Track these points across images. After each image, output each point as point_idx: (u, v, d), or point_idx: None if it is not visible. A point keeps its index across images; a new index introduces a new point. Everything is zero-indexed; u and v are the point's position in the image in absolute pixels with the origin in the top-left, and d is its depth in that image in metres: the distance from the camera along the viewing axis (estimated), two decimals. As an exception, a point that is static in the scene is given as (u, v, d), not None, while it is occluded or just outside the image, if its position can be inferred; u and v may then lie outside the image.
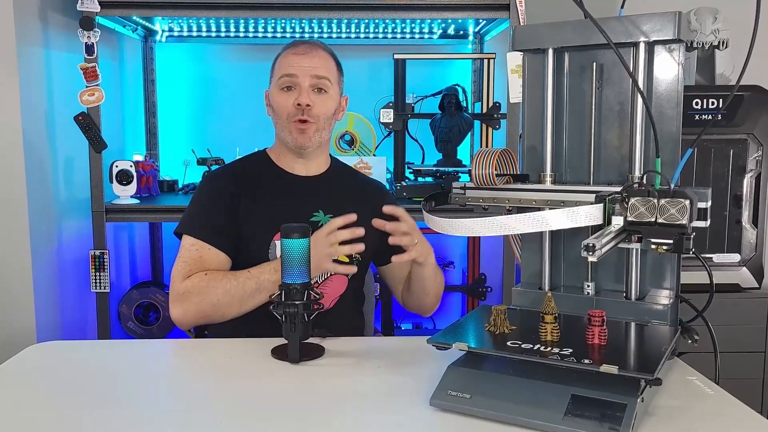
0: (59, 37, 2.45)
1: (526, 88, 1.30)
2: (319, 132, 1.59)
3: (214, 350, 1.39)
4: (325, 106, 1.58)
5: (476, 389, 1.03)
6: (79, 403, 1.09)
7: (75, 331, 2.55)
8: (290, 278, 1.26)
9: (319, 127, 1.58)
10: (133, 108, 2.92)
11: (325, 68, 1.59)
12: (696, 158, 2.26)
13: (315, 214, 1.58)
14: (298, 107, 1.55)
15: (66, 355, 1.36)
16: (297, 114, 1.55)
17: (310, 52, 1.58)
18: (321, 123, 1.58)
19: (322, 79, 1.57)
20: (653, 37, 1.14)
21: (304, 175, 1.64)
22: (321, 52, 1.60)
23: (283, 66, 1.58)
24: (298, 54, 1.58)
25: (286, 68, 1.57)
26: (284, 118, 1.57)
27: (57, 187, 2.48)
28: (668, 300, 1.20)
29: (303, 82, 1.56)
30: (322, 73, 1.57)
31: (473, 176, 1.22)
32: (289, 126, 1.57)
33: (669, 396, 1.08)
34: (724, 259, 2.32)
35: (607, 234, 0.99)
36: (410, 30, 2.80)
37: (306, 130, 1.56)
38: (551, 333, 1.08)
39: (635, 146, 1.17)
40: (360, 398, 1.11)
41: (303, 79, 1.56)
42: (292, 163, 1.63)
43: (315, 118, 1.56)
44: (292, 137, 1.58)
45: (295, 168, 1.64)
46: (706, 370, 1.20)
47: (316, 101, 1.56)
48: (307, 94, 1.55)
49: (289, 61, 1.58)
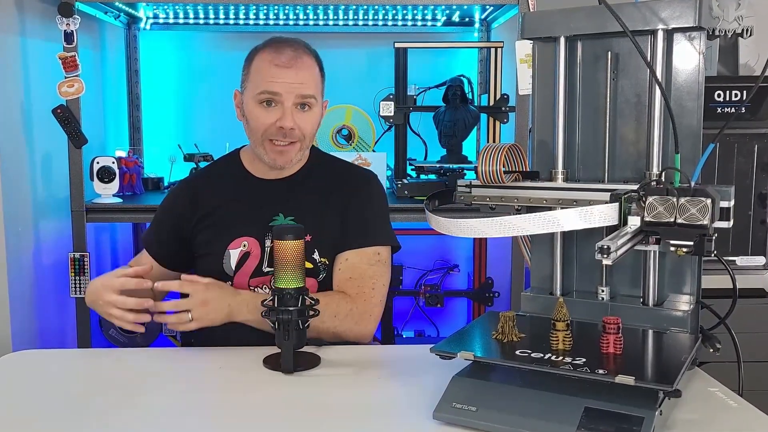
0: (36, 24, 2.44)
1: (536, 79, 1.30)
2: (302, 151, 1.56)
3: (202, 360, 1.38)
4: (310, 125, 1.54)
5: (483, 401, 1.03)
6: (57, 417, 1.09)
7: (53, 340, 2.54)
8: (283, 282, 1.26)
9: (303, 146, 1.55)
10: (116, 100, 2.92)
11: (311, 83, 1.52)
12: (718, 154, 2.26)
13: (274, 217, 1.55)
14: (279, 129, 1.50)
15: (43, 364, 1.36)
16: (277, 135, 1.50)
17: (295, 63, 1.49)
18: (306, 142, 1.55)
19: (307, 98, 1.51)
20: (672, 25, 1.13)
21: (272, 178, 1.61)
22: (306, 59, 1.52)
23: (263, 79, 1.50)
24: (281, 67, 1.49)
25: (267, 83, 1.49)
26: (260, 136, 1.52)
27: (34, 186, 2.48)
28: (688, 306, 1.20)
29: (287, 101, 1.49)
30: (308, 92, 1.51)
31: (479, 173, 1.22)
32: (264, 144, 1.52)
33: (689, 409, 1.08)
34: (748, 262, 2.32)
35: (622, 235, 0.99)
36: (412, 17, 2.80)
37: (287, 152, 1.52)
38: (563, 341, 1.08)
39: (653, 141, 1.17)
40: (358, 411, 1.11)
41: (287, 98, 1.49)
42: (264, 169, 1.60)
43: (299, 138, 1.52)
44: (268, 157, 1.53)
45: (267, 174, 1.61)
46: (728, 381, 1.20)
47: (300, 121, 1.51)
48: (290, 115, 1.49)
49: (270, 74, 1.49)
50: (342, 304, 1.47)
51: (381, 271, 1.55)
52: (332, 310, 1.45)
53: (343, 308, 1.47)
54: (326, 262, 1.54)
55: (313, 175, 1.63)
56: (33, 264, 2.46)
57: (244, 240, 1.54)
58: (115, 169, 2.41)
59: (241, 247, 1.54)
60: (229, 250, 1.55)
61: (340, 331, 1.47)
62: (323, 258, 1.54)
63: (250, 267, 1.54)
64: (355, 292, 1.50)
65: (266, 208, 1.57)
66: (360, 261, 1.53)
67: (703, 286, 1.23)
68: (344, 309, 1.47)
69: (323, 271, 1.55)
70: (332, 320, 1.45)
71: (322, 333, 1.44)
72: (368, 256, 1.54)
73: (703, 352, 1.18)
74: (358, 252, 1.54)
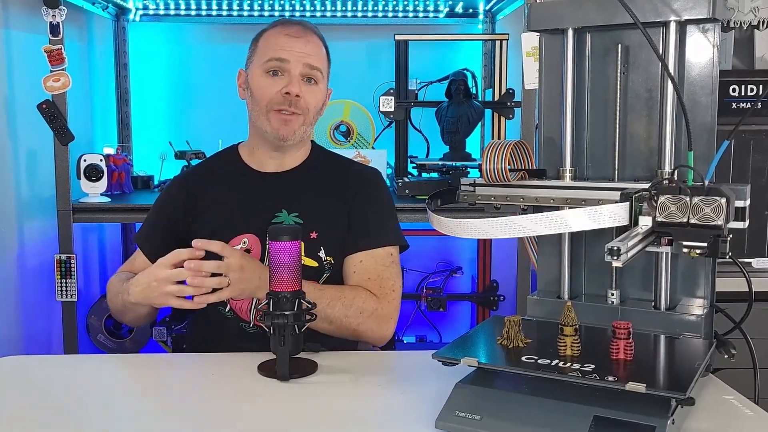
0: (20, 15, 2.45)
1: (543, 72, 1.30)
2: (305, 126, 1.58)
3: (194, 366, 1.38)
4: (315, 99, 1.58)
5: (487, 410, 1.02)
6: (41, 426, 1.09)
7: (38, 345, 2.55)
8: (279, 285, 1.26)
9: (306, 120, 1.57)
10: (104, 95, 2.93)
11: (318, 57, 1.57)
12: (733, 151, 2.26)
13: (277, 214, 1.56)
14: (285, 96, 1.53)
15: (28, 371, 1.36)
16: (282, 103, 1.54)
17: (304, 35, 1.56)
18: (309, 117, 1.57)
19: (314, 69, 1.56)
20: (685, 16, 1.13)
21: (272, 171, 1.63)
22: (314, 37, 1.59)
23: (272, 47, 1.56)
24: (290, 36, 1.55)
25: (276, 50, 1.55)
26: (264, 105, 1.55)
27: (18, 184, 2.48)
28: (702, 310, 1.20)
29: (294, 68, 1.54)
30: (315, 63, 1.56)
31: (484, 171, 1.22)
32: (268, 114, 1.55)
33: (703, 417, 1.08)
34: (764, 264, 2.32)
35: (633, 236, 0.99)
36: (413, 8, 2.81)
37: (291, 122, 1.55)
38: (571, 347, 1.08)
39: (665, 138, 1.17)
40: (357, 420, 1.11)
41: (294, 66, 1.54)
42: (264, 158, 1.63)
43: (303, 110, 1.55)
44: (272, 127, 1.55)
45: (266, 164, 1.63)
46: (744, 388, 1.20)
47: (305, 92, 1.55)
48: (297, 82, 1.54)
49: (280, 42, 1.55)
50: (369, 302, 1.50)
51: (396, 273, 1.58)
52: (359, 306, 1.48)
53: (369, 306, 1.49)
54: (332, 261, 1.55)
55: (316, 170, 1.65)
56: (17, 266, 2.46)
57: (245, 237, 1.54)
58: (103, 167, 2.41)
59: (241, 244, 1.54)
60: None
61: (361, 329, 1.49)
62: (329, 257, 1.55)
63: None
64: (378, 293, 1.52)
65: (268, 204, 1.57)
66: (375, 263, 1.56)
67: (717, 290, 1.23)
68: (370, 307, 1.50)
69: (328, 270, 1.55)
70: (357, 317, 1.47)
71: (341, 329, 1.47)
72: (382, 257, 1.57)
73: (717, 358, 1.18)
74: (371, 253, 1.56)
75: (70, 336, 2.35)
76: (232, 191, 1.61)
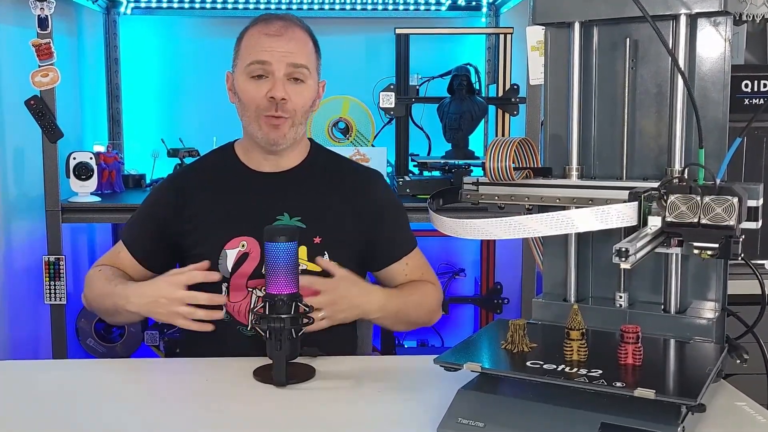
0: (7, 8, 2.45)
1: (548, 67, 1.30)
2: (295, 128, 1.57)
3: (187, 371, 1.39)
4: (302, 99, 1.56)
5: (491, 417, 1.03)
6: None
7: (25, 350, 2.55)
8: (275, 288, 1.26)
9: (295, 122, 1.56)
10: (94, 91, 2.93)
11: (302, 54, 1.55)
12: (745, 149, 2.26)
13: (279, 217, 1.56)
14: (271, 101, 1.52)
15: (15, 376, 1.36)
16: (269, 108, 1.53)
17: (285, 32, 1.54)
18: (298, 118, 1.57)
19: (299, 68, 1.54)
20: (696, 9, 1.13)
21: (270, 171, 1.63)
22: (297, 31, 1.56)
23: (253, 49, 1.54)
24: (270, 35, 1.53)
25: (257, 53, 1.53)
26: (253, 111, 1.55)
27: (4, 183, 2.48)
28: (713, 313, 1.20)
29: (277, 70, 1.52)
30: (299, 61, 1.54)
31: (487, 170, 1.22)
32: (258, 120, 1.55)
33: (714, 424, 1.08)
34: (778, 266, 2.32)
35: (642, 237, 0.99)
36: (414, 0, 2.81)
37: (280, 127, 1.54)
38: (578, 352, 1.08)
39: (675, 135, 1.17)
40: (356, 428, 1.11)
41: (277, 67, 1.52)
42: (259, 159, 1.62)
43: (291, 113, 1.54)
44: (262, 132, 1.55)
45: (263, 165, 1.63)
46: (757, 394, 1.20)
47: (292, 93, 1.54)
48: (282, 85, 1.52)
49: (260, 43, 1.53)
50: (434, 294, 1.65)
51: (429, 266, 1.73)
52: (430, 303, 1.64)
53: (436, 298, 1.66)
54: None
55: (316, 170, 1.65)
56: (4, 268, 2.46)
57: (243, 239, 1.54)
58: (93, 166, 2.41)
59: (240, 246, 1.54)
60: (225, 249, 1.54)
61: (432, 320, 1.67)
62: (333, 261, 1.53)
63: (249, 268, 1.53)
64: (433, 281, 1.68)
65: (268, 206, 1.58)
66: (417, 260, 1.68)
67: (729, 292, 1.23)
68: (436, 299, 1.66)
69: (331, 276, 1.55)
70: (432, 313, 1.65)
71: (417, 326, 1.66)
72: (418, 254, 1.69)
73: (729, 363, 1.18)
74: (410, 257, 1.67)
75: (59, 340, 2.35)
76: (229, 191, 1.61)
